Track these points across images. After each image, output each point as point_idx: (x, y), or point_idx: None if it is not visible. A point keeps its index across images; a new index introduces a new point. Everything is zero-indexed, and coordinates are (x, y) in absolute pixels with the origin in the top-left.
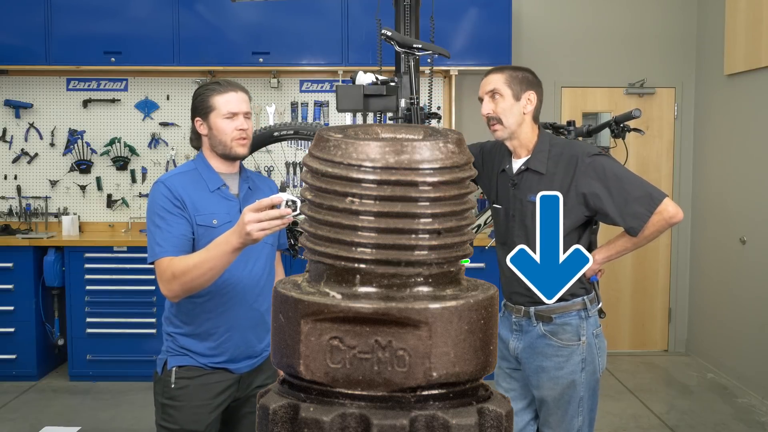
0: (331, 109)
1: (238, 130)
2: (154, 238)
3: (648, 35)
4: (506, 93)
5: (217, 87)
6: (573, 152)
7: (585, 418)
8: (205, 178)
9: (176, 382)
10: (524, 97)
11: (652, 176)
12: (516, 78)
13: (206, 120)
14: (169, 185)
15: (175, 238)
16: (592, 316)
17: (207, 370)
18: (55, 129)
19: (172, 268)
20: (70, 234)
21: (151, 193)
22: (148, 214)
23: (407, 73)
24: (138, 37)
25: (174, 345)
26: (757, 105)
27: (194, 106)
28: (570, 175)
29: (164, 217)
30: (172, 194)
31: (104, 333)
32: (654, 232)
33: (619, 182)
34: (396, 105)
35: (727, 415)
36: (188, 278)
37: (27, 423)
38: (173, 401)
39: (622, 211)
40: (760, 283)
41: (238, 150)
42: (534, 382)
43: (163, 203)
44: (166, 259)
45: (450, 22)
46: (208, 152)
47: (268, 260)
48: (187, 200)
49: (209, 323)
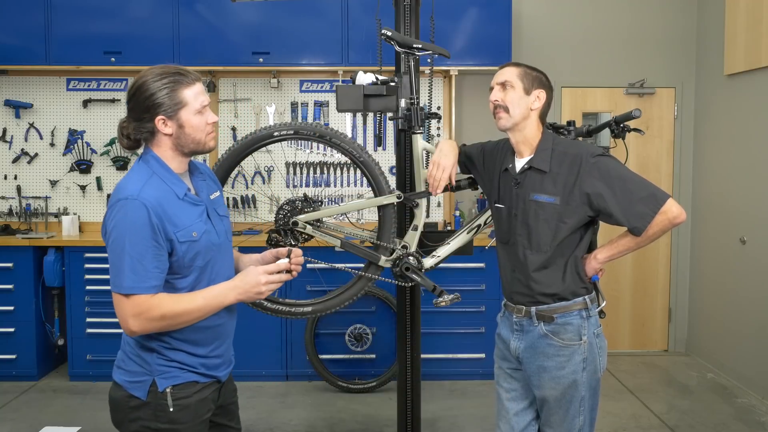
0: (331, 109)
1: (209, 124)
2: (128, 267)
3: (648, 35)
4: (518, 85)
5: (181, 77)
6: (577, 152)
7: (586, 417)
8: (169, 184)
9: (175, 404)
10: (534, 94)
11: (652, 176)
12: (530, 75)
13: (174, 118)
14: (149, 205)
15: (157, 271)
16: (593, 316)
17: (201, 383)
18: (55, 129)
19: (161, 309)
20: (70, 234)
21: (123, 211)
22: (115, 234)
23: (407, 73)
24: (138, 37)
25: (162, 361)
26: (757, 105)
27: (154, 103)
28: (574, 174)
29: (141, 245)
30: (151, 218)
31: (104, 333)
32: (657, 232)
33: (623, 183)
34: (396, 105)
35: (727, 415)
36: (177, 322)
37: (27, 423)
38: (175, 424)
39: (626, 212)
40: (760, 283)
41: (212, 144)
42: (535, 382)
43: (142, 228)
44: (146, 296)
45: (450, 22)
46: (168, 153)
47: None
48: (165, 219)
49: (203, 331)
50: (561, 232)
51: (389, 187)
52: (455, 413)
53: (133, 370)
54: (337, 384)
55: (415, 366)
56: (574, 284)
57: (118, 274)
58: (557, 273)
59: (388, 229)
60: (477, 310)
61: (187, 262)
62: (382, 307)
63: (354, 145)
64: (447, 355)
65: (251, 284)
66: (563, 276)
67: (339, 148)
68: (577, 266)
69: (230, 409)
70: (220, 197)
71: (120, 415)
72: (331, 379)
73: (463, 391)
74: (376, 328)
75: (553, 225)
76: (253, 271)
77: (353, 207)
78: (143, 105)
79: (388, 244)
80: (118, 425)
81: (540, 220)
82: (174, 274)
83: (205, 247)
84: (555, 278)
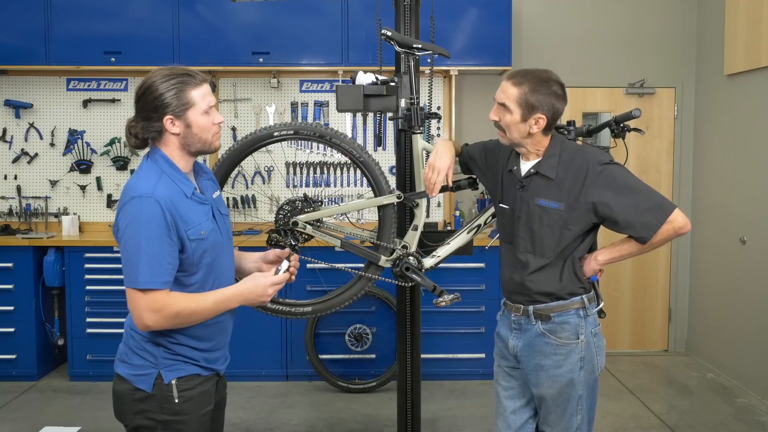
0: (331, 109)
1: (215, 124)
2: (144, 262)
3: (648, 35)
4: (515, 111)
5: (189, 78)
6: (584, 159)
7: (584, 416)
8: (178, 183)
9: (180, 395)
10: (531, 120)
11: (652, 176)
12: (529, 98)
13: (181, 117)
14: (162, 203)
15: (170, 267)
16: (590, 315)
17: (203, 376)
18: (55, 129)
19: (176, 306)
20: (70, 234)
21: (138, 208)
22: (130, 230)
23: (407, 73)
24: (138, 37)
25: (168, 355)
26: (757, 105)
27: (162, 103)
28: (580, 182)
29: (157, 241)
30: (165, 215)
31: (104, 333)
32: (661, 240)
33: (629, 192)
34: (396, 105)
35: (727, 415)
36: (188, 320)
37: (27, 423)
38: (179, 416)
39: (633, 221)
40: (760, 283)
41: (217, 144)
42: (533, 380)
43: (157, 225)
44: (162, 292)
45: (450, 22)
46: (175, 152)
47: None
48: (177, 216)
49: (208, 327)
50: (565, 238)
51: (389, 187)
52: (455, 413)
53: (138, 364)
54: (337, 384)
55: (415, 366)
56: (571, 284)
57: (134, 269)
58: (554, 274)
59: (388, 229)
60: (477, 310)
61: (195, 259)
62: (382, 307)
63: (354, 145)
64: (447, 355)
65: (258, 294)
66: (560, 276)
67: (339, 148)
68: (574, 266)
69: (221, 404)
70: (220, 196)
71: (124, 408)
72: (331, 379)
73: (463, 391)
74: (376, 328)
75: (557, 231)
76: (261, 282)
77: (353, 207)
78: (152, 105)
79: (388, 244)
80: (121, 418)
81: (544, 226)
82: (183, 271)
83: (211, 245)
84: (552, 278)
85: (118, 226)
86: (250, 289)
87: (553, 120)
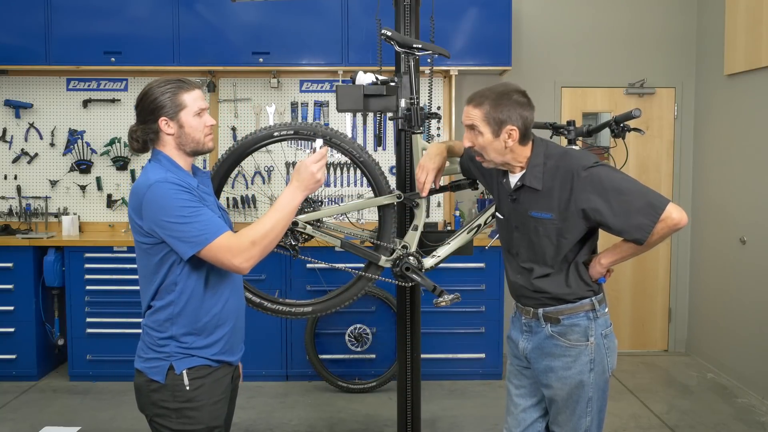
0: (331, 109)
1: (207, 126)
2: (193, 229)
3: (648, 35)
4: (485, 130)
5: (182, 84)
6: (568, 166)
7: (594, 418)
8: (183, 178)
9: (191, 383)
10: (503, 133)
11: (652, 176)
12: (494, 115)
13: (174, 119)
14: (175, 182)
15: (215, 216)
16: (601, 317)
17: (214, 367)
18: (55, 129)
19: (249, 237)
20: (70, 234)
21: (159, 192)
22: (163, 212)
23: (407, 73)
24: (138, 37)
25: (179, 347)
26: (757, 105)
27: (157, 106)
28: (567, 190)
29: (191, 205)
30: (185, 187)
31: (104, 333)
32: (658, 238)
33: (618, 194)
34: (396, 105)
35: (727, 415)
36: (267, 241)
37: (27, 423)
38: (191, 402)
39: (625, 224)
40: (760, 283)
41: (210, 145)
42: (543, 381)
43: (184, 195)
44: (226, 235)
45: (450, 22)
46: (173, 152)
47: None
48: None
49: (215, 317)
50: (563, 247)
51: (389, 187)
52: (455, 413)
53: (151, 357)
54: (337, 384)
55: (415, 366)
56: (578, 289)
57: (184, 241)
58: (560, 280)
59: (388, 229)
60: (477, 310)
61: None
62: (382, 307)
63: (354, 145)
64: (447, 355)
65: (308, 178)
66: (566, 282)
67: (339, 148)
68: (579, 271)
69: (232, 395)
70: (217, 200)
71: (143, 399)
72: (331, 379)
73: (462, 391)
74: (376, 328)
75: (554, 240)
76: (302, 167)
77: (353, 207)
78: (148, 108)
79: (388, 244)
80: (142, 409)
81: (541, 236)
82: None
83: None
84: (559, 284)
85: (143, 216)
86: (299, 179)
87: (526, 128)
